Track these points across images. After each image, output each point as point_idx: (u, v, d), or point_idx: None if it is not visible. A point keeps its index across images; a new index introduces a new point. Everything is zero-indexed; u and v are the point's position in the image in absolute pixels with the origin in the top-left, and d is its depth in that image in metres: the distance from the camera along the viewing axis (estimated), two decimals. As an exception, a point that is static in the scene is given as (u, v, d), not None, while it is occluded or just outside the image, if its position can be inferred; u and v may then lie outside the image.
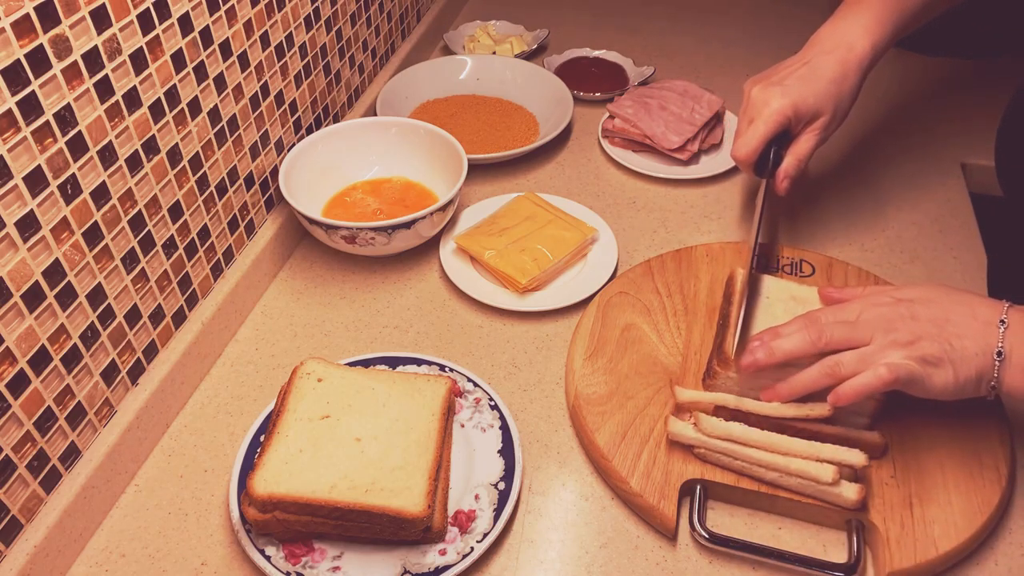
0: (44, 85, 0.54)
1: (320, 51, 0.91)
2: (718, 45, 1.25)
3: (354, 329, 0.81)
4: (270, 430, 0.63)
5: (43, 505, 0.60)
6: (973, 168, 1.00)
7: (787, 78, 0.79)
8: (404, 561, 0.60)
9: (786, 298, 0.73)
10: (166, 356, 0.71)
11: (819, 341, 0.62)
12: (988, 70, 1.15)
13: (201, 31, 0.69)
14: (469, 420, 0.69)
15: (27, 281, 0.55)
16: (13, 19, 0.51)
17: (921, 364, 0.59)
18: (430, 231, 0.85)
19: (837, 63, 0.78)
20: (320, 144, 0.90)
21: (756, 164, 0.80)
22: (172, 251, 0.71)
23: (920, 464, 0.64)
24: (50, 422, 0.59)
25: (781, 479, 0.62)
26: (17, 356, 0.55)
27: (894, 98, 1.09)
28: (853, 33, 0.79)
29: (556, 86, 1.08)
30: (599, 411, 0.69)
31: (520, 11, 1.34)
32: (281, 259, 0.87)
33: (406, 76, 1.10)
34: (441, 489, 0.63)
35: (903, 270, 0.85)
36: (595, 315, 0.77)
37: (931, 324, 0.60)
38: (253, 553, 0.60)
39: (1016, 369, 0.59)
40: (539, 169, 1.01)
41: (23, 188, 0.54)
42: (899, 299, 0.63)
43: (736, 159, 0.81)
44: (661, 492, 0.63)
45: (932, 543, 0.59)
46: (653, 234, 0.91)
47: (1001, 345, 0.59)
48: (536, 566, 0.62)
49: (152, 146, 0.66)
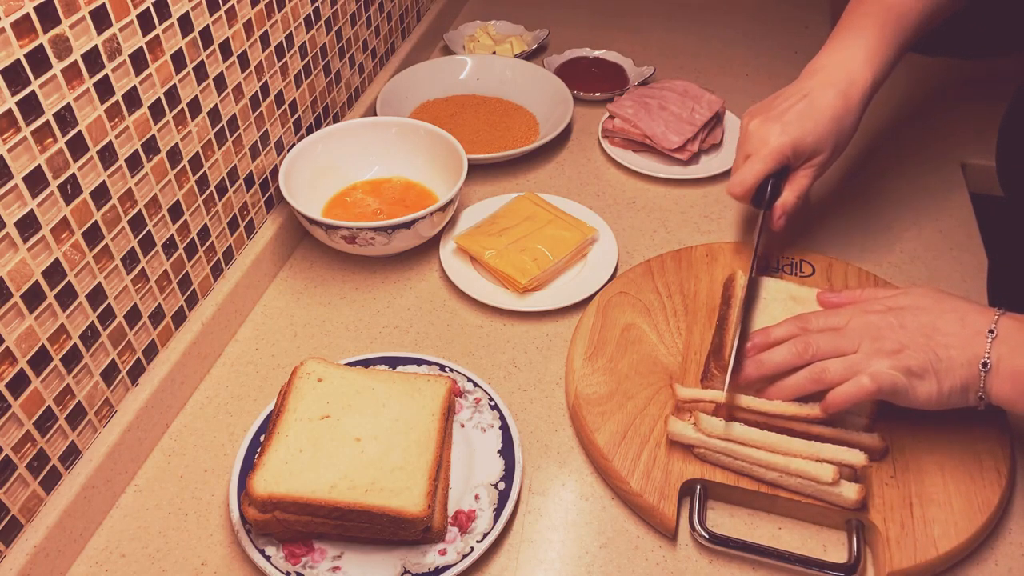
0: (44, 85, 0.54)
1: (320, 51, 0.91)
2: (718, 45, 1.25)
3: (354, 329, 0.81)
4: (270, 430, 0.63)
5: (43, 505, 0.60)
6: (973, 168, 1.00)
7: (786, 113, 0.76)
8: (404, 561, 0.60)
9: (785, 298, 0.74)
10: (166, 356, 0.71)
11: (806, 353, 0.63)
12: (988, 70, 1.15)
13: (201, 31, 0.69)
14: (469, 420, 0.69)
15: (27, 281, 0.55)
16: (13, 19, 0.51)
17: (906, 374, 0.60)
18: (430, 231, 0.85)
19: (838, 97, 0.75)
20: (320, 144, 0.90)
21: (753, 197, 0.79)
22: (172, 251, 0.71)
23: (920, 464, 0.64)
24: (50, 422, 0.59)
25: (781, 479, 0.62)
26: (17, 356, 0.55)
27: (894, 98, 1.09)
28: (854, 62, 0.76)
29: (556, 86, 1.08)
30: (599, 411, 0.69)
31: (520, 11, 1.34)
32: (281, 259, 0.87)
33: (406, 76, 1.10)
34: (441, 489, 0.63)
35: (903, 270, 0.85)
36: (595, 315, 0.77)
37: (919, 333, 0.60)
38: (253, 553, 0.60)
39: (1003, 379, 0.58)
40: (539, 169, 1.01)
41: (23, 188, 0.54)
42: (889, 307, 0.63)
43: (731, 195, 0.80)
44: (661, 492, 0.63)
45: (932, 543, 0.59)
46: (653, 234, 0.91)
47: (987, 355, 0.59)
48: (536, 566, 0.62)
49: (152, 146, 0.66)
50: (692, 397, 0.66)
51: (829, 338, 0.63)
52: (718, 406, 0.65)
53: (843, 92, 0.76)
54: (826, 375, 0.61)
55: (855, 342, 0.62)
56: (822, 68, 0.78)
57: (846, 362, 0.61)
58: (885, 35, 0.77)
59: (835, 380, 0.61)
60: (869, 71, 0.76)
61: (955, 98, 1.10)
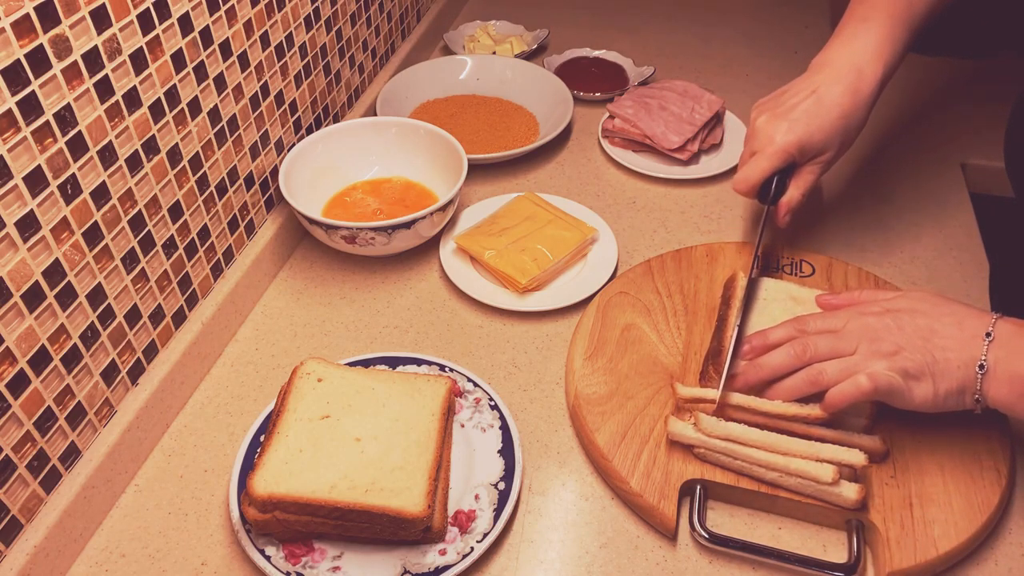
0: (44, 85, 0.54)
1: (320, 51, 0.91)
2: (718, 45, 1.25)
3: (354, 329, 0.81)
4: (270, 430, 0.63)
5: (43, 505, 0.60)
6: (973, 168, 1.00)
7: (793, 110, 0.75)
8: (404, 561, 0.60)
9: (784, 298, 0.74)
10: (166, 356, 0.71)
11: (804, 355, 0.63)
12: (988, 70, 1.15)
13: (201, 31, 0.69)
14: (469, 420, 0.69)
15: (27, 281, 0.55)
16: (13, 19, 0.51)
17: (902, 376, 0.60)
18: (430, 231, 0.85)
19: (847, 94, 0.74)
20: (320, 144, 0.90)
21: (759, 192, 0.79)
22: (172, 251, 0.71)
23: (920, 464, 0.64)
24: (50, 422, 0.59)
25: (781, 479, 0.62)
26: (17, 356, 0.55)
27: (894, 98, 1.09)
28: (864, 55, 0.75)
29: (556, 86, 1.08)
30: (599, 411, 0.69)
31: (520, 11, 1.34)
32: (281, 259, 0.87)
33: (406, 76, 1.10)
34: (441, 489, 0.63)
35: (903, 270, 0.85)
36: (595, 315, 0.77)
37: (916, 336, 0.61)
38: (253, 553, 0.60)
39: (1000, 381, 0.58)
40: (539, 169, 1.01)
41: (23, 188, 0.54)
42: (887, 309, 0.63)
43: (736, 191, 0.79)
44: (661, 492, 0.63)
45: (932, 543, 0.59)
46: (653, 234, 0.91)
47: (984, 358, 0.59)
48: (536, 566, 0.62)
49: (152, 146, 0.66)
50: (692, 396, 0.66)
51: (827, 340, 0.63)
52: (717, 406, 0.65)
53: (852, 88, 0.75)
54: (823, 376, 0.62)
55: (852, 344, 0.62)
56: (831, 62, 0.77)
57: (843, 363, 0.61)
58: (895, 26, 0.75)
59: (832, 381, 0.61)
60: (879, 64, 0.75)
61: (955, 98, 1.10)
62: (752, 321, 0.72)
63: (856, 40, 0.76)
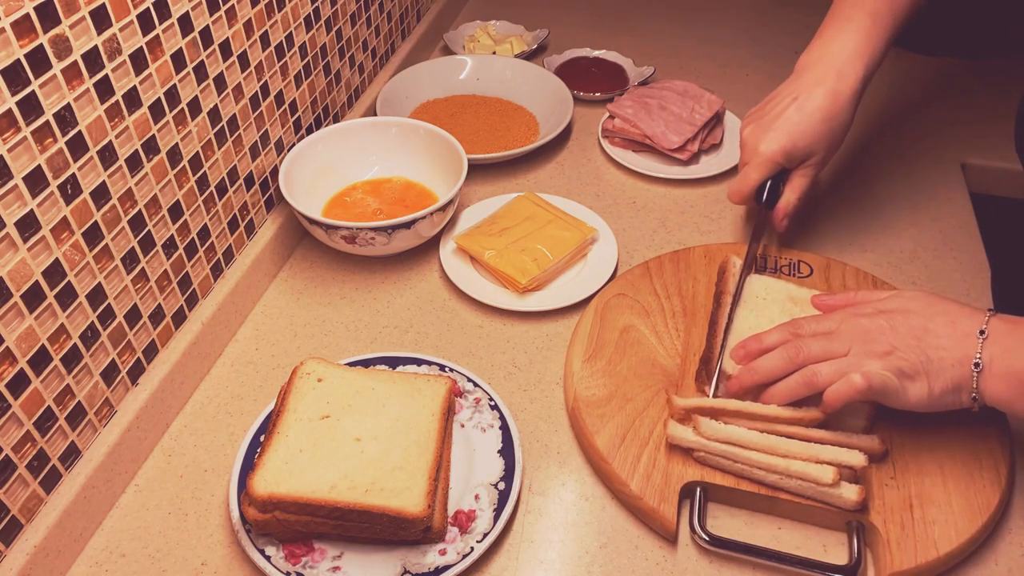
0: (44, 85, 0.54)
1: (320, 51, 0.91)
2: (718, 45, 1.25)
3: (354, 329, 0.81)
4: (270, 430, 0.63)
5: (43, 505, 0.60)
6: (973, 168, 1.00)
7: (777, 119, 0.77)
8: (404, 561, 0.60)
9: (783, 299, 0.74)
10: (166, 356, 0.71)
11: (797, 357, 0.63)
12: (988, 70, 1.15)
13: (201, 31, 0.69)
14: (469, 420, 0.69)
15: (27, 281, 0.55)
16: (13, 19, 0.51)
17: (897, 375, 0.60)
18: (430, 231, 0.85)
19: (827, 96, 0.76)
20: (320, 144, 0.90)
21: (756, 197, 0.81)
22: (172, 251, 0.71)
23: (920, 465, 0.64)
24: (50, 422, 0.59)
25: (781, 481, 0.62)
26: (17, 356, 0.55)
27: (894, 98, 1.09)
28: (843, 56, 0.76)
29: (556, 86, 1.08)
30: (598, 413, 0.69)
31: (520, 11, 1.34)
32: (281, 259, 0.87)
33: (406, 76, 1.09)
34: (441, 489, 0.63)
35: (903, 270, 0.85)
36: (593, 317, 0.77)
37: (909, 335, 0.61)
38: (253, 553, 0.60)
39: (997, 378, 0.59)
40: (539, 169, 1.01)
41: (23, 188, 0.54)
42: (880, 310, 0.63)
43: (732, 202, 0.82)
44: (661, 495, 0.63)
45: (932, 544, 0.59)
46: (653, 234, 0.91)
47: (979, 356, 0.59)
48: (536, 566, 0.62)
49: (152, 146, 0.66)
50: (689, 407, 0.66)
51: (820, 342, 0.63)
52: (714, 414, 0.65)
53: (832, 91, 0.76)
54: (817, 378, 0.62)
55: (846, 345, 0.62)
56: (811, 65, 0.78)
57: (837, 364, 0.61)
58: (876, 24, 0.76)
59: (826, 382, 0.61)
60: (860, 64, 0.76)
61: (955, 98, 1.10)
62: (750, 322, 0.72)
63: (836, 41, 0.77)
